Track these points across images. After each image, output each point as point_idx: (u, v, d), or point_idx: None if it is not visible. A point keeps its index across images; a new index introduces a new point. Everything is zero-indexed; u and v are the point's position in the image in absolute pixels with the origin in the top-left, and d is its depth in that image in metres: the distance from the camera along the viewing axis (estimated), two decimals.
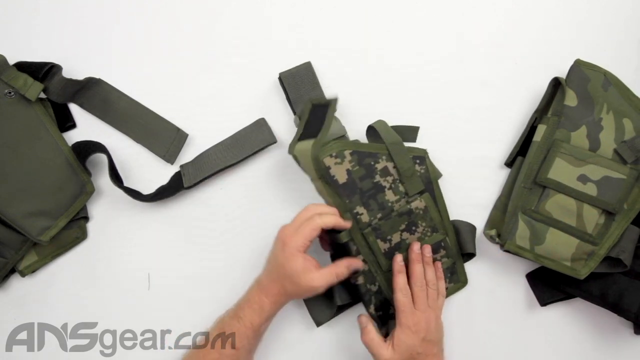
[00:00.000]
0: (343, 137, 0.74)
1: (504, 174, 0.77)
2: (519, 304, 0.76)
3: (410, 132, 0.77)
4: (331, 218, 0.67)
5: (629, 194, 0.70)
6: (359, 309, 0.75)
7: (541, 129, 0.73)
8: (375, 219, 0.70)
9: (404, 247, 0.72)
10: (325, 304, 0.74)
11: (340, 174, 0.69)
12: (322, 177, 0.68)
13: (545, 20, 0.78)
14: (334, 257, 0.74)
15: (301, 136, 0.71)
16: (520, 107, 0.78)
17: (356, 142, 0.72)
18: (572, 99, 0.72)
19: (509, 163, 0.76)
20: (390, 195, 0.71)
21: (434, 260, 0.73)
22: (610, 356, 0.75)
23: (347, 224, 0.68)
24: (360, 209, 0.70)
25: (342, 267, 0.67)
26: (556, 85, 0.74)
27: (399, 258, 0.71)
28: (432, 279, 0.71)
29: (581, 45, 0.78)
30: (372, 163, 0.70)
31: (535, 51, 0.78)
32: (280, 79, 0.77)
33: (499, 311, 0.76)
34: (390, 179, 0.71)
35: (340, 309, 0.74)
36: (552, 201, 0.70)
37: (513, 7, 0.79)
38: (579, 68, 0.73)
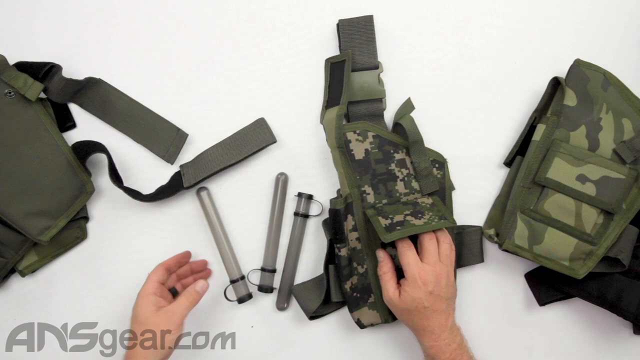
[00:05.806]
0: (380, 100, 0.75)
1: (503, 173, 0.77)
2: (518, 303, 0.76)
3: (408, 108, 0.75)
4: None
5: (627, 194, 0.70)
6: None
7: (540, 129, 0.73)
8: (381, 204, 0.71)
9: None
10: (316, 294, 0.73)
11: (358, 150, 0.71)
12: (340, 147, 0.71)
13: (545, 20, 0.78)
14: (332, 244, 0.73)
15: (327, 103, 0.74)
16: (520, 107, 0.77)
17: (382, 129, 0.73)
18: (572, 98, 0.72)
19: (508, 162, 0.76)
20: (400, 187, 0.72)
21: None
22: (609, 356, 0.75)
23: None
24: (367, 189, 0.71)
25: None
26: (556, 84, 0.74)
27: None
28: (444, 234, 0.69)
29: (581, 45, 0.78)
30: (392, 151, 0.72)
31: (535, 51, 0.78)
32: (338, 25, 0.77)
33: (497, 311, 0.76)
34: (405, 171, 0.72)
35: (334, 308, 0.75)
36: (550, 201, 0.70)
37: (513, 6, 0.79)
38: (579, 68, 0.73)
